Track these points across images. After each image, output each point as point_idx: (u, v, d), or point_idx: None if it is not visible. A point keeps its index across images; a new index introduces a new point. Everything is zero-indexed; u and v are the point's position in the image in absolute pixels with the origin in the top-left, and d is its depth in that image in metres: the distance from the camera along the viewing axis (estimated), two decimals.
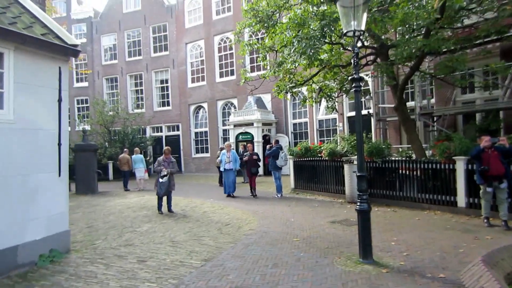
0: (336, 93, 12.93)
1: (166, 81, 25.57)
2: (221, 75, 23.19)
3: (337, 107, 14.53)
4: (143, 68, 25.92)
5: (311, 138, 18.70)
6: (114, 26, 26.72)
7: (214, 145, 22.77)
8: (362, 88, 14.95)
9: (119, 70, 26.70)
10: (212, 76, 23.41)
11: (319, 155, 11.88)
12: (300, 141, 18.40)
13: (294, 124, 20.26)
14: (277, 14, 10.44)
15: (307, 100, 12.28)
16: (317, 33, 8.08)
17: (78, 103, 28.26)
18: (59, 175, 5.66)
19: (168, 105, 25.54)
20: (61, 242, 5.65)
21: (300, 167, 12.64)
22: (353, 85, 5.32)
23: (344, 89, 12.36)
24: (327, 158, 11.33)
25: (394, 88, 10.46)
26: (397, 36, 11.42)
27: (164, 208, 9.54)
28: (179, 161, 24.92)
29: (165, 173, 9.18)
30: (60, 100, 5.70)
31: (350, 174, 10.04)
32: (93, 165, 15.48)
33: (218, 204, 10.70)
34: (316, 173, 11.87)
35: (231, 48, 22.41)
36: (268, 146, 14.25)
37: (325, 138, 17.79)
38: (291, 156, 12.89)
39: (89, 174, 15.16)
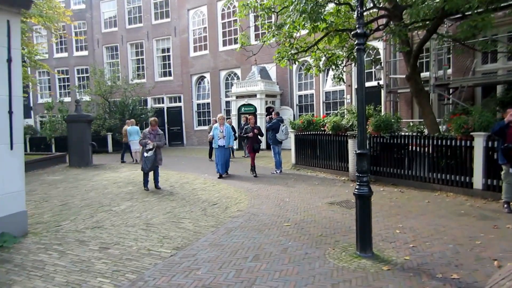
0: (344, 62, 11.85)
1: (168, 50, 24.46)
2: (224, 44, 22.00)
3: (344, 77, 13.48)
4: (144, 36, 24.78)
5: (317, 111, 17.69)
6: None
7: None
8: (373, 57, 13.83)
9: (119, 38, 25.61)
10: (215, 44, 22.23)
11: (322, 129, 10.95)
12: (305, 114, 17.45)
13: (300, 96, 19.19)
14: None
15: (311, 69, 11.22)
16: None
17: (78, 73, 27.44)
18: (11, 148, 4.90)
19: (170, 75, 24.56)
20: (16, 224, 4.97)
21: (301, 142, 11.77)
22: (355, 43, 4.35)
23: (352, 57, 11.25)
24: (330, 132, 10.42)
25: (407, 55, 9.35)
26: None
27: (152, 184, 8.86)
28: (181, 134, 24.23)
29: (151, 146, 8.40)
30: (9, 60, 4.86)
31: (354, 150, 9.14)
32: (86, 136, 14.83)
33: (211, 181, 9.97)
34: (319, 148, 11.00)
35: (235, 15, 21.06)
36: (267, 118, 13.35)
37: (331, 111, 16.75)
38: (293, 130, 12.00)
39: (83, 146, 14.55)
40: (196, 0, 22.78)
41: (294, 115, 18.50)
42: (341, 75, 11.86)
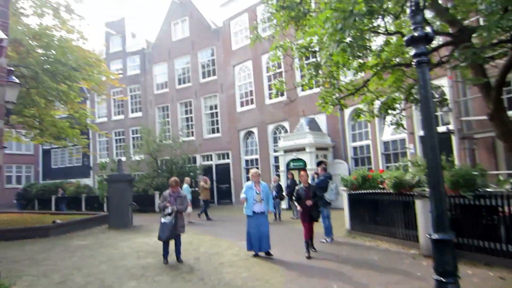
0: (402, 104, 9.99)
1: (215, 107, 24.24)
2: (270, 97, 21.15)
3: (405, 124, 11.49)
4: (192, 95, 24.96)
5: (375, 164, 15.53)
6: (164, 55, 26.44)
7: (266, 174, 20.42)
8: (438, 98, 11.76)
9: (170, 98, 26.10)
10: (261, 98, 21.48)
11: (381, 186, 8.92)
12: (361, 168, 15.39)
13: (354, 148, 17.23)
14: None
15: (361, 115, 9.51)
16: (362, 9, 5.44)
17: (133, 133, 28.18)
18: None
19: (218, 131, 24.06)
20: None
21: (356, 202, 9.75)
22: (413, 53, 2.74)
23: (412, 98, 9.42)
24: (391, 191, 8.37)
25: (485, 88, 7.33)
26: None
27: (173, 255, 7.40)
28: (230, 192, 23.03)
29: (169, 210, 7.06)
30: None
31: (425, 214, 7.01)
32: (127, 196, 14.17)
33: (245, 251, 8.25)
34: (378, 211, 8.90)
35: (280, 66, 20.38)
36: (312, 174, 11.59)
37: (392, 164, 14.52)
38: (345, 188, 10.07)
39: (123, 207, 13.85)
40: (241, 56, 22.64)
41: (349, 169, 16.47)
42: (399, 121, 9.96)
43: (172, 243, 7.41)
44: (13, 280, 6.16)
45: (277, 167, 19.75)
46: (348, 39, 5.73)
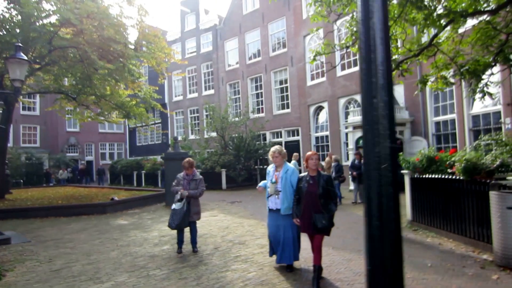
0: (489, 69, 7.76)
1: (285, 81, 23.09)
2: (342, 68, 19.22)
3: (500, 92, 9.11)
4: (262, 70, 24.11)
5: (461, 142, 13.00)
6: (235, 30, 25.89)
7: (336, 151, 18.89)
8: None
9: (240, 75, 25.64)
10: (333, 70, 19.63)
11: (450, 170, 7.06)
12: (446, 147, 13.10)
13: (437, 123, 14.71)
14: None
15: (428, 83, 7.60)
16: None
17: (206, 111, 28.60)
18: None
19: (287, 107, 22.97)
20: None
21: (420, 189, 7.99)
22: None
23: (505, 57, 7.22)
24: (461, 177, 6.54)
25: None
26: None
27: (189, 244, 6.83)
28: (300, 171, 21.96)
29: (178, 196, 6.41)
30: None
31: (501, 211, 5.20)
32: None
33: None
34: (445, 201, 7.10)
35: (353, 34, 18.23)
36: (356, 156, 9.96)
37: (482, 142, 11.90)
38: (406, 171, 8.34)
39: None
40: (312, 24, 20.88)
41: (428, 148, 14.11)
42: (485, 89, 7.80)
43: (187, 231, 6.80)
44: (14, 264, 6.17)
45: (347, 145, 18.04)
46: None
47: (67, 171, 29.54)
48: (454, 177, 6.79)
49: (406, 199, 8.46)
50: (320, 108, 20.96)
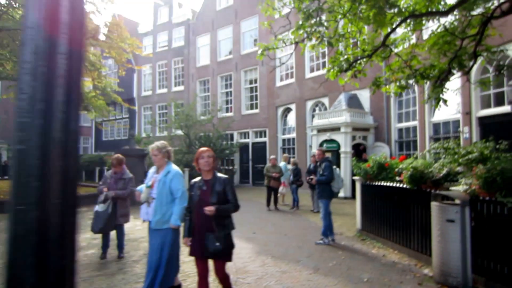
0: (444, 75, 7.49)
1: (255, 81, 22.64)
2: (311, 70, 18.96)
3: (460, 101, 8.93)
4: (233, 68, 23.57)
5: (421, 150, 12.85)
6: (208, 26, 25.22)
7: (302, 155, 18.58)
8: (500, 65, 8.87)
9: (211, 72, 25.00)
10: (302, 71, 19.34)
11: (398, 178, 6.73)
12: (407, 154, 12.94)
13: (400, 130, 14.59)
14: None
15: (380, 86, 7.27)
16: None
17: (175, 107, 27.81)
18: None
19: (256, 107, 22.51)
20: None
21: (369, 196, 7.66)
22: None
23: (459, 63, 6.95)
24: (407, 186, 6.21)
25: None
26: None
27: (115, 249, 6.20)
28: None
29: (102, 198, 5.76)
30: None
31: (441, 224, 4.86)
32: (139, 172, 13.40)
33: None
34: (392, 210, 6.78)
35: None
36: (312, 159, 9.60)
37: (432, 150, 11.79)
38: (357, 177, 7.99)
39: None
40: (285, 24, 20.51)
41: (390, 154, 13.94)
42: (440, 95, 7.52)
43: (113, 234, 6.18)
44: None
45: (312, 148, 17.77)
46: None
47: None
48: (401, 185, 6.46)
49: (357, 207, 8.10)
50: (288, 110, 20.62)
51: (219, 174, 3.76)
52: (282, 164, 13.04)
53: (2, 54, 13.13)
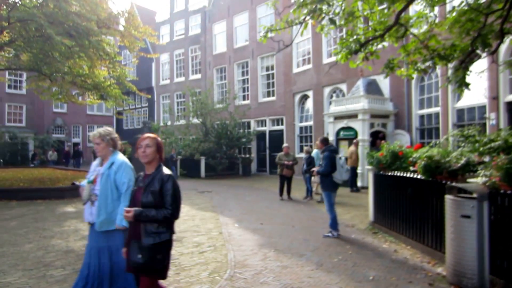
0: (464, 56, 6.84)
1: (272, 68, 22.12)
2: (329, 55, 18.27)
3: (487, 85, 8.24)
4: (249, 55, 23.11)
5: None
6: (224, 12, 24.78)
7: None
8: None
9: (227, 59, 24.63)
10: (319, 56, 18.69)
11: (412, 168, 6.24)
12: (429, 142, 12.29)
13: (421, 117, 13.84)
14: None
15: (393, 68, 6.72)
16: None
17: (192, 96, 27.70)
18: None
19: (273, 95, 22.04)
20: None
21: (382, 187, 7.19)
22: None
23: (483, 41, 6.29)
24: (421, 177, 5.73)
25: None
26: None
27: None
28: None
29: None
30: None
31: (455, 220, 4.40)
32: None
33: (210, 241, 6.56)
34: (405, 202, 6.31)
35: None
36: (315, 150, 9.13)
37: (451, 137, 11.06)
38: (370, 166, 7.53)
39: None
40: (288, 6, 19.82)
41: (411, 142, 13.27)
42: (463, 79, 6.89)
43: None
44: None
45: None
46: None
47: (57, 153, 28.79)
48: (415, 176, 5.98)
49: (369, 198, 7.66)
50: (305, 97, 20.06)
51: (164, 170, 2.97)
52: (314, 152, 12.04)
53: (17, 45, 13.23)
